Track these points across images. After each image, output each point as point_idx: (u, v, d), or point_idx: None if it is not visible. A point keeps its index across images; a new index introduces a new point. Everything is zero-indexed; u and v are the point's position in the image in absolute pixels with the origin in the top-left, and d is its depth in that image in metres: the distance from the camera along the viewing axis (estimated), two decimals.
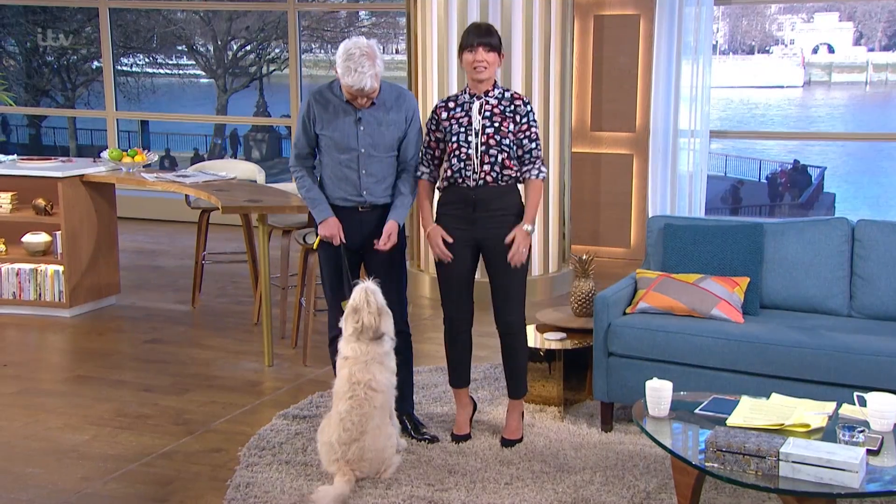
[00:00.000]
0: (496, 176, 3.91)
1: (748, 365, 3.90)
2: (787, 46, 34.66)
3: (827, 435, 3.07)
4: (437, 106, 4.04)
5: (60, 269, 6.07)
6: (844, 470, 2.77)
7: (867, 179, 24.66)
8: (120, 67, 19.52)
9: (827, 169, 22.82)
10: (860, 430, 2.97)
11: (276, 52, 20.45)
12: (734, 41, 34.47)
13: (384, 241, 3.96)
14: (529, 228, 3.95)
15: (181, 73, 23.30)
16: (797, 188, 21.24)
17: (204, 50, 20.83)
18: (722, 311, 4.10)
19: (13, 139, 21.16)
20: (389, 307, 3.78)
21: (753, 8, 30.24)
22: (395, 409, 3.86)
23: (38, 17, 18.64)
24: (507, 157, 3.91)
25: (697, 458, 3.02)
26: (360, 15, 20.85)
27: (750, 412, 3.24)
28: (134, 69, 20.88)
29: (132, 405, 4.64)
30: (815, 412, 3.21)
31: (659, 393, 3.33)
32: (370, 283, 3.75)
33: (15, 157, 6.50)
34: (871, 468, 2.88)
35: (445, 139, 3.97)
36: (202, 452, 4.08)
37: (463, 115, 3.95)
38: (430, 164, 4.06)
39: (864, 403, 3.22)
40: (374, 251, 4.01)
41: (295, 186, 4.41)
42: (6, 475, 3.86)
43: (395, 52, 21.41)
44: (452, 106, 3.98)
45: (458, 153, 3.92)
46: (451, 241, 3.96)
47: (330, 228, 3.96)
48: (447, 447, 4.05)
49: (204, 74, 21.80)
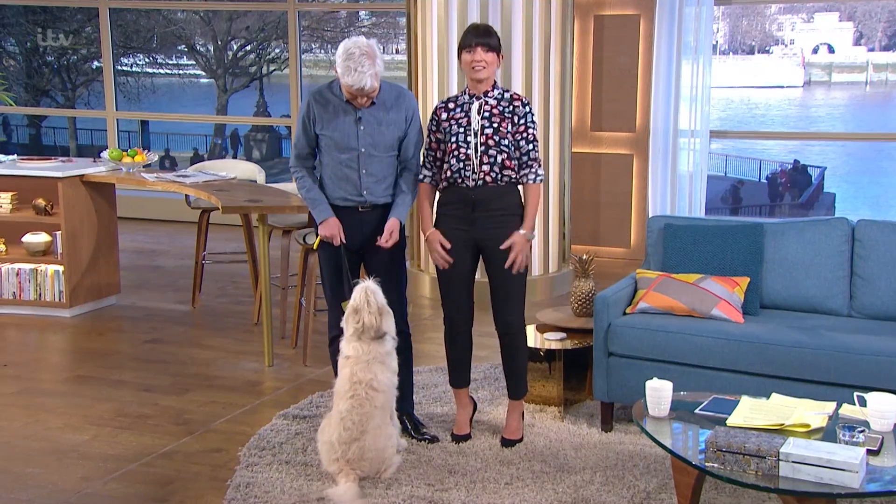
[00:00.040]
0: (496, 176, 3.91)
1: (748, 365, 3.90)
2: (787, 46, 34.67)
3: (827, 435, 3.07)
4: (437, 107, 4.04)
5: (60, 269, 6.07)
6: (844, 470, 2.77)
7: (867, 179, 24.66)
8: (120, 67, 19.52)
9: (827, 169, 22.82)
10: (860, 430, 2.97)
11: (276, 52, 20.45)
12: (734, 41, 34.47)
13: (386, 237, 3.97)
14: (530, 235, 3.96)
15: (181, 73, 23.30)
16: (797, 188, 21.24)
17: (204, 50, 20.83)
18: (722, 311, 4.10)
19: (13, 139, 21.16)
20: (389, 307, 3.78)
21: (753, 8, 30.24)
22: (395, 408, 3.86)
23: (38, 17, 18.64)
24: (506, 157, 3.91)
25: (697, 458, 3.02)
26: (360, 15, 20.85)
27: (750, 412, 3.24)
28: (134, 69, 20.88)
29: (132, 405, 4.64)
30: (815, 412, 3.21)
31: (659, 393, 3.33)
32: (370, 282, 3.74)
33: (15, 157, 6.50)
34: (871, 468, 2.88)
35: (445, 140, 3.97)
36: (202, 452, 4.08)
37: (462, 115, 3.95)
38: (432, 166, 4.06)
39: (864, 403, 3.22)
40: (374, 251, 4.01)
41: (295, 187, 4.41)
42: (6, 475, 3.86)
43: (395, 52, 21.40)
44: (452, 107, 3.99)
45: (457, 153, 3.92)
46: (448, 246, 3.96)
47: (330, 229, 3.96)
48: (447, 447, 4.05)
49: (204, 74, 21.80)
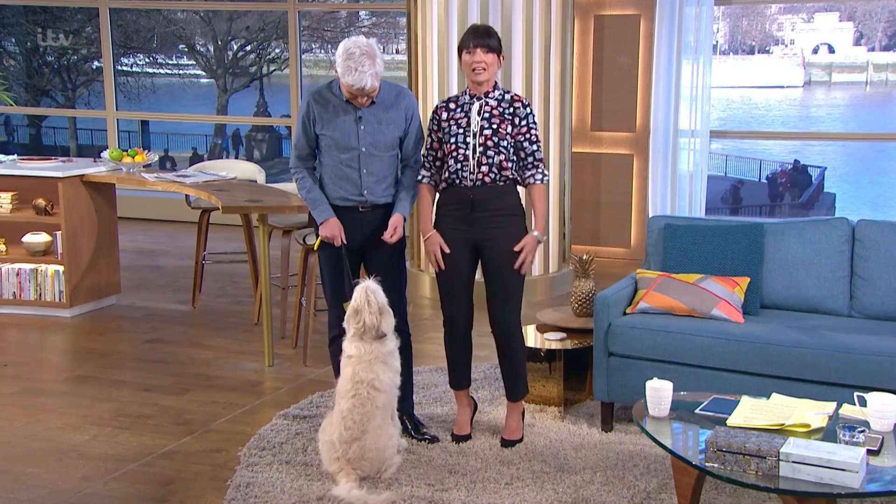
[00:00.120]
0: (494, 177, 3.90)
1: (748, 365, 3.90)
2: (787, 46, 34.66)
3: (827, 435, 3.07)
4: (437, 106, 4.04)
5: (61, 269, 6.07)
6: (845, 470, 2.77)
7: (867, 179, 24.66)
8: (120, 67, 19.52)
9: (827, 169, 22.82)
10: (860, 430, 2.97)
11: (276, 52, 20.45)
12: (734, 41, 34.47)
13: (390, 232, 3.97)
14: (541, 237, 3.97)
15: (181, 73, 23.30)
16: (797, 188, 21.24)
17: (204, 50, 20.83)
18: (722, 311, 4.10)
19: (14, 139, 21.16)
20: (389, 307, 3.77)
21: (754, 8, 30.24)
22: (395, 408, 3.86)
23: (38, 17, 18.64)
24: (504, 158, 3.91)
25: (698, 458, 3.02)
26: (360, 15, 20.85)
27: (750, 412, 3.24)
28: (134, 69, 20.88)
29: (132, 405, 4.64)
30: (815, 412, 3.21)
31: (659, 393, 3.33)
32: (371, 282, 3.74)
33: (15, 157, 6.50)
34: (871, 468, 2.88)
35: (445, 140, 3.97)
36: (202, 452, 4.07)
37: (462, 115, 3.95)
38: (431, 166, 4.05)
39: (864, 403, 3.22)
40: (374, 251, 4.02)
41: (295, 187, 4.41)
42: (6, 475, 3.86)
43: (395, 52, 21.40)
44: (453, 107, 3.99)
45: (455, 154, 3.92)
46: (448, 251, 3.96)
47: (331, 229, 3.96)
48: (447, 447, 4.05)
49: (204, 74, 21.80)
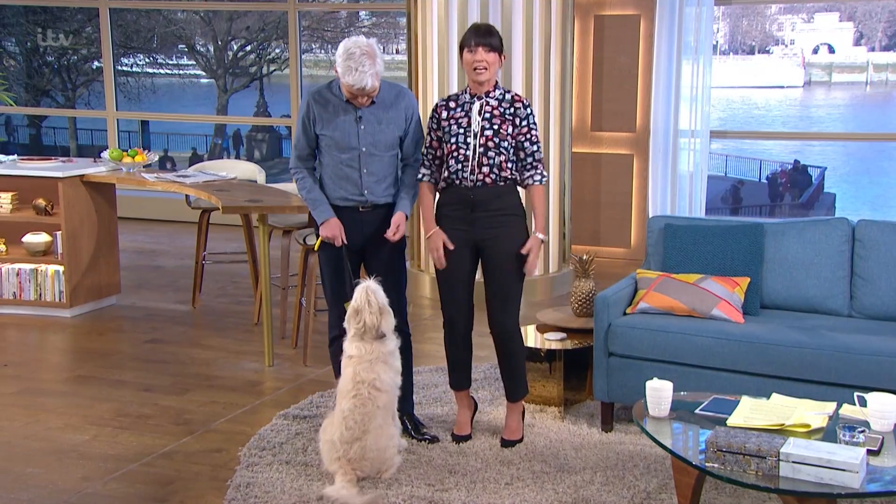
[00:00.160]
0: (495, 177, 3.90)
1: (748, 365, 3.90)
2: (787, 46, 34.65)
3: (827, 435, 3.07)
4: (437, 105, 4.04)
5: (61, 269, 6.07)
6: (845, 470, 2.77)
7: (867, 179, 24.66)
8: (120, 67, 19.52)
9: (827, 169, 22.82)
10: (860, 430, 2.97)
11: (276, 52, 20.45)
12: (734, 41, 34.46)
13: (393, 230, 3.97)
14: (543, 238, 3.97)
15: (181, 73, 23.29)
16: (797, 188, 21.24)
17: (204, 50, 20.83)
18: (722, 311, 4.10)
19: (14, 139, 21.16)
20: (389, 307, 3.77)
21: (754, 8, 30.24)
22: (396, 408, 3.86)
23: (38, 17, 18.64)
24: (504, 159, 3.91)
25: (698, 458, 3.02)
26: (360, 15, 20.85)
27: (750, 412, 3.24)
28: (134, 69, 20.87)
29: (132, 405, 4.64)
30: (815, 412, 3.21)
31: (659, 393, 3.33)
32: (371, 282, 3.74)
33: (15, 157, 6.50)
34: (871, 468, 2.88)
35: (445, 139, 3.97)
36: (202, 452, 4.07)
37: (463, 115, 3.94)
38: (430, 164, 4.05)
39: (864, 403, 3.22)
40: (374, 251, 4.02)
41: (295, 187, 4.41)
42: (6, 475, 3.86)
43: (395, 52, 21.40)
44: (453, 106, 3.98)
45: (455, 154, 3.92)
46: (451, 248, 3.96)
47: (332, 229, 3.96)
48: (447, 447, 4.05)
49: (204, 74, 21.79)
